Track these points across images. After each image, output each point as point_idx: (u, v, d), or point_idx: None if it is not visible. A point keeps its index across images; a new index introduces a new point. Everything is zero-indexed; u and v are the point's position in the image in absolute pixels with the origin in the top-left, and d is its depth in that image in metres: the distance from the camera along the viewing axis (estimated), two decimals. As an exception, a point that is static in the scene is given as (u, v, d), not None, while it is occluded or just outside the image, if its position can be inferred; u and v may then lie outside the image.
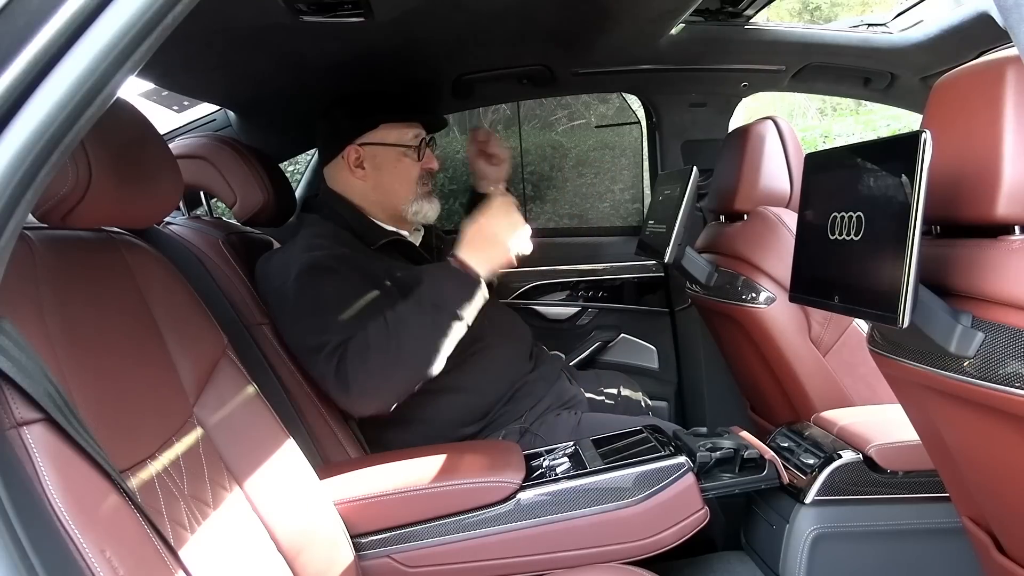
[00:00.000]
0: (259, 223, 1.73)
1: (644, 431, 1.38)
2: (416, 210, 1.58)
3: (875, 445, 1.26)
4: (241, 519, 1.01)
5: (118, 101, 0.88)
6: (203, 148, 1.68)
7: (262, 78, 1.72)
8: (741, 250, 1.73)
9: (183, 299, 1.11)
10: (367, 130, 1.58)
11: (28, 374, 0.68)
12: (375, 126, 1.57)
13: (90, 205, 0.91)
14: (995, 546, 0.98)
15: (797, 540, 1.27)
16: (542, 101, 2.76)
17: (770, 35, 2.01)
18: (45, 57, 0.61)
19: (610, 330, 2.34)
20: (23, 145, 0.61)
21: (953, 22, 1.81)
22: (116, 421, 0.86)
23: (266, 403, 1.14)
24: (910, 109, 2.24)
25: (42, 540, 0.64)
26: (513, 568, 1.19)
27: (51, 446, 0.70)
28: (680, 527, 1.19)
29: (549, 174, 2.78)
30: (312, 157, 2.34)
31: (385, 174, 1.57)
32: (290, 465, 1.13)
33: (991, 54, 0.97)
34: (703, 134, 2.28)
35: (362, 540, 1.20)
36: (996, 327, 0.76)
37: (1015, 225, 0.78)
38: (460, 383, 1.48)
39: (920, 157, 0.74)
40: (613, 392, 1.75)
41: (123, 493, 0.76)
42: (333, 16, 1.35)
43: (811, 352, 1.67)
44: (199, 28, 1.30)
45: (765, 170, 1.74)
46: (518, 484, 1.21)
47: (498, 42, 1.84)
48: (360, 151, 1.58)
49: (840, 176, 0.91)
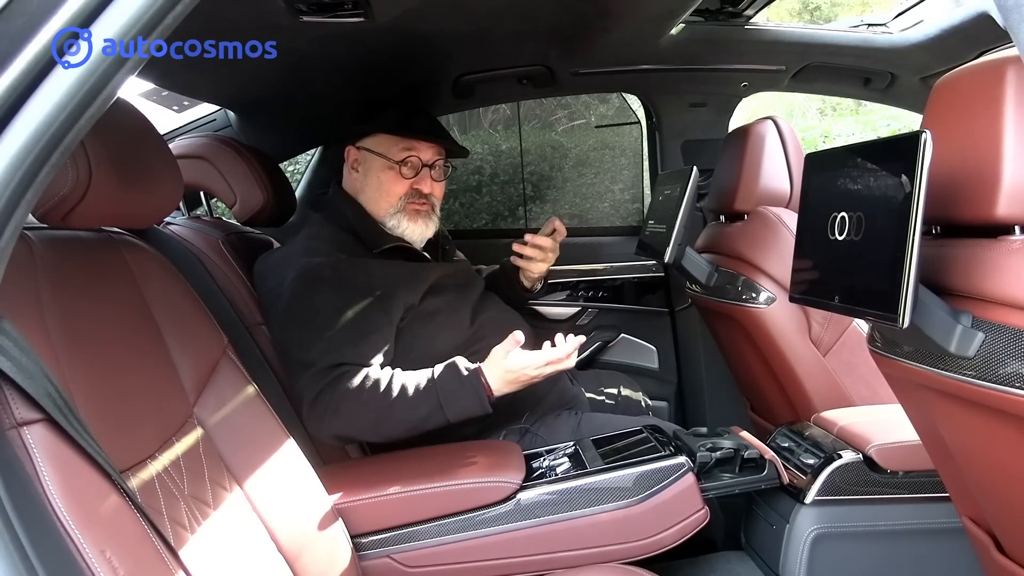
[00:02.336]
0: (259, 223, 1.74)
1: (644, 431, 1.38)
2: (395, 224, 1.57)
3: (875, 445, 1.26)
4: (241, 519, 1.01)
5: (118, 101, 0.88)
6: (203, 148, 1.68)
7: (262, 78, 1.72)
8: (741, 250, 1.73)
9: (183, 299, 1.11)
10: (361, 135, 1.60)
11: (28, 374, 0.68)
12: (368, 133, 1.59)
13: (90, 205, 0.91)
14: (995, 546, 0.98)
15: (797, 540, 1.27)
16: (542, 101, 2.76)
17: (770, 35, 2.01)
18: (45, 57, 0.61)
19: (610, 330, 2.34)
20: (23, 145, 0.61)
21: (953, 22, 1.81)
22: (116, 421, 0.86)
23: (266, 403, 1.14)
24: (910, 109, 2.24)
25: (42, 540, 0.64)
26: (513, 568, 1.19)
27: (51, 446, 0.70)
28: (680, 527, 1.20)
29: (549, 174, 2.78)
30: (312, 157, 2.34)
31: (370, 180, 1.59)
32: (290, 465, 1.13)
33: (991, 54, 0.97)
34: (703, 134, 2.28)
35: (362, 540, 1.20)
36: (996, 327, 0.76)
37: (1015, 225, 0.78)
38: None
39: (920, 157, 0.74)
40: (613, 392, 1.75)
41: (123, 493, 0.76)
42: (333, 16, 1.35)
43: (811, 352, 1.67)
44: (199, 28, 1.31)
45: (765, 170, 1.74)
46: (518, 484, 1.21)
47: (498, 42, 1.84)
48: (357, 153, 1.61)
49: (840, 176, 0.91)
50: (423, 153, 1.58)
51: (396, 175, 1.57)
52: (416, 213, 1.58)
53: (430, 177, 1.60)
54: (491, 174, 2.80)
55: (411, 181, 1.57)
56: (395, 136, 1.57)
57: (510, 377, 1.33)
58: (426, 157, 1.58)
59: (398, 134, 1.57)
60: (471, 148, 2.90)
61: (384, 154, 1.57)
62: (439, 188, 1.63)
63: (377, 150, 1.58)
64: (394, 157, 1.56)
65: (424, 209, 1.59)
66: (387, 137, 1.57)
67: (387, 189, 1.57)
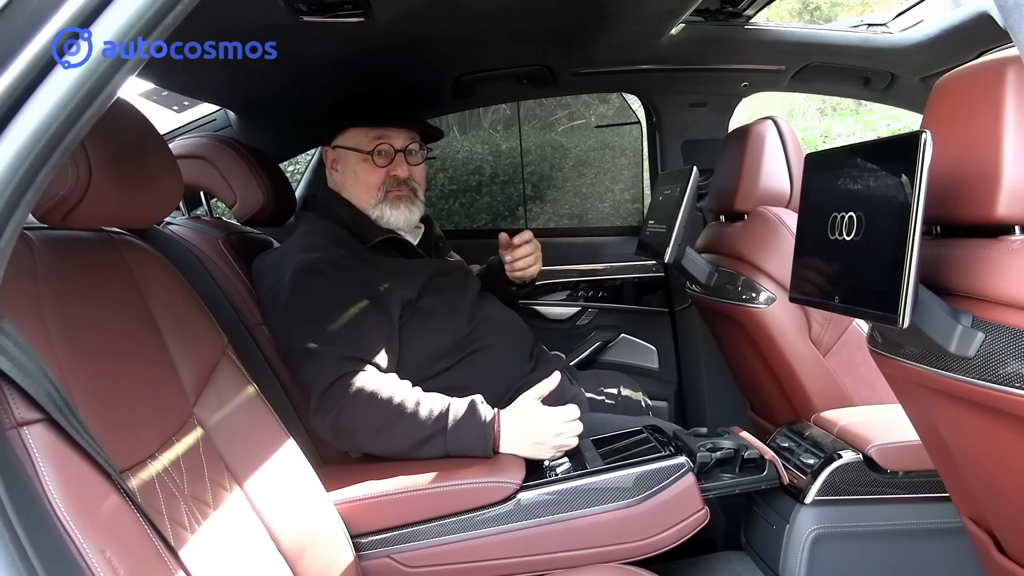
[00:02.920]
0: (259, 223, 1.74)
1: (644, 431, 1.38)
2: (379, 215, 1.58)
3: (875, 445, 1.26)
4: (241, 519, 1.01)
5: (118, 101, 0.88)
6: (203, 148, 1.68)
7: (262, 78, 1.72)
8: (741, 250, 1.73)
9: (183, 299, 1.11)
10: (335, 134, 1.62)
11: (28, 374, 0.68)
12: (339, 131, 1.61)
13: (90, 205, 0.91)
14: (995, 546, 0.98)
15: (797, 540, 1.27)
16: (542, 101, 2.76)
17: (770, 35, 2.01)
18: (45, 57, 0.61)
19: (610, 330, 2.34)
20: (23, 145, 0.61)
21: (953, 22, 1.81)
22: (116, 421, 0.86)
23: (266, 403, 1.14)
24: (910, 109, 2.24)
25: (42, 540, 0.64)
26: (513, 568, 1.19)
27: (51, 446, 0.70)
28: (680, 527, 1.19)
29: (549, 174, 2.78)
30: (312, 157, 2.34)
31: (348, 176, 1.60)
32: (290, 465, 1.13)
33: (991, 54, 0.97)
34: (703, 134, 2.28)
35: (362, 540, 1.20)
36: (996, 327, 0.76)
37: (1015, 225, 0.78)
38: (460, 382, 1.47)
39: (920, 157, 0.74)
40: (613, 392, 1.75)
41: (123, 493, 0.76)
42: (333, 16, 1.35)
43: (811, 352, 1.67)
44: (199, 28, 1.31)
45: (765, 170, 1.74)
46: (518, 484, 1.21)
47: (498, 42, 1.84)
48: (334, 153, 1.63)
49: (840, 176, 0.91)
50: (395, 140, 1.59)
51: (370, 165, 1.58)
52: (397, 199, 1.59)
53: (406, 162, 1.60)
54: (491, 174, 2.81)
55: (386, 168, 1.58)
56: (364, 128, 1.58)
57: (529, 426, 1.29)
58: (398, 143, 1.59)
59: (366, 125, 1.58)
60: (471, 148, 2.91)
61: (356, 147, 1.58)
62: (418, 172, 1.63)
63: (350, 145, 1.59)
64: (365, 148, 1.58)
65: (404, 194, 1.59)
66: (358, 131, 1.59)
67: (364, 180, 1.58)
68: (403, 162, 1.60)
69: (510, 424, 1.29)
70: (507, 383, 1.56)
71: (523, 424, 1.29)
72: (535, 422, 1.30)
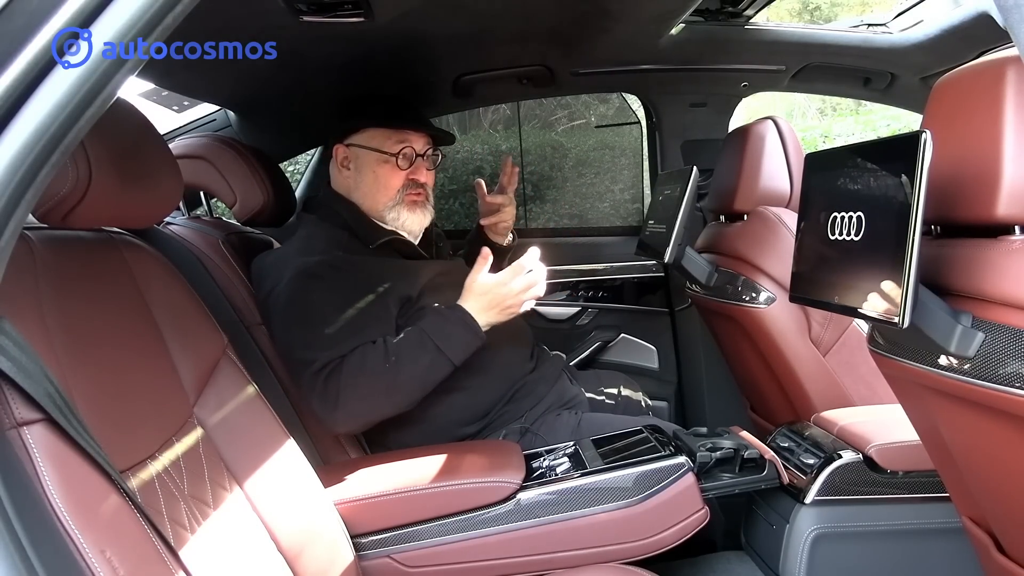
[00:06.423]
0: (259, 223, 1.74)
1: (644, 431, 1.38)
2: (395, 216, 1.59)
3: (875, 445, 1.26)
4: (241, 519, 1.01)
5: (118, 101, 0.88)
6: (203, 148, 1.68)
7: (262, 78, 1.72)
8: (741, 250, 1.73)
9: (183, 299, 1.11)
10: (351, 132, 1.60)
11: (28, 374, 0.68)
12: (358, 129, 1.59)
13: (90, 205, 0.91)
14: (995, 546, 0.98)
15: (797, 540, 1.27)
16: (542, 101, 2.77)
17: (770, 35, 2.01)
18: (45, 57, 0.61)
19: (610, 330, 2.34)
20: (23, 145, 0.61)
21: (953, 22, 1.81)
22: (116, 421, 0.86)
23: (266, 403, 1.14)
24: (910, 109, 2.24)
25: (42, 540, 0.64)
26: (513, 568, 1.19)
27: (51, 446, 0.70)
28: (680, 527, 1.19)
29: (549, 174, 2.78)
30: (312, 157, 2.34)
31: (365, 176, 1.59)
32: (290, 465, 1.13)
33: (991, 54, 0.97)
34: (703, 134, 2.28)
35: (362, 540, 1.20)
36: (996, 327, 0.76)
37: (1015, 225, 0.78)
38: (460, 383, 1.48)
39: (920, 157, 0.74)
40: (613, 392, 1.75)
41: (123, 493, 0.76)
42: (333, 16, 1.35)
43: (811, 352, 1.67)
44: (199, 28, 1.31)
45: (765, 170, 1.74)
46: (518, 484, 1.21)
47: (498, 42, 1.84)
48: (347, 150, 1.61)
49: (840, 176, 0.91)
50: (416, 143, 1.60)
51: (392, 167, 1.57)
52: (414, 203, 1.60)
53: (424, 167, 1.61)
54: (491, 174, 2.81)
55: (407, 172, 1.58)
56: (387, 129, 1.58)
57: (485, 301, 1.39)
58: (419, 147, 1.60)
59: (390, 126, 1.58)
60: (471, 148, 2.91)
61: (379, 148, 1.57)
62: (431, 178, 1.65)
63: (370, 145, 1.58)
64: (389, 150, 1.57)
65: (421, 199, 1.61)
66: (379, 131, 1.58)
67: (384, 183, 1.58)
68: (422, 167, 1.61)
69: (475, 307, 1.39)
70: (509, 383, 1.56)
71: (483, 300, 1.40)
72: (491, 292, 1.39)
